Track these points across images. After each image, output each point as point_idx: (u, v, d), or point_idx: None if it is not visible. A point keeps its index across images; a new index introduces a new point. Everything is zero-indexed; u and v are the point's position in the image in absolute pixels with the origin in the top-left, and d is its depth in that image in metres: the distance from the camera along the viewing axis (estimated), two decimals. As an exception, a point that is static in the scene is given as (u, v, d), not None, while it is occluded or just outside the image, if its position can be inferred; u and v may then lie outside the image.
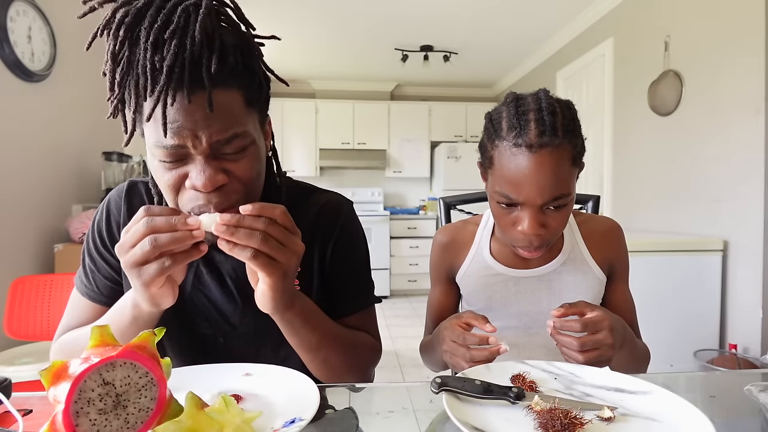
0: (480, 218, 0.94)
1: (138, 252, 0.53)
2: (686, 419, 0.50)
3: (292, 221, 0.58)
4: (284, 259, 0.56)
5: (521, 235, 0.73)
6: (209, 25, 0.56)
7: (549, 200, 0.70)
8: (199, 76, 0.55)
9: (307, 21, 3.51)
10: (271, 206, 0.56)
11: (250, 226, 0.53)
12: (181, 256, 0.54)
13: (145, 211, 0.54)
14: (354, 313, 0.81)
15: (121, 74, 0.56)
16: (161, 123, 0.54)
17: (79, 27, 2.33)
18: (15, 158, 2.02)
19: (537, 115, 0.69)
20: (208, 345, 0.76)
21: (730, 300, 2.15)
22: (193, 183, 0.58)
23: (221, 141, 0.57)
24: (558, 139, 0.68)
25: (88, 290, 0.76)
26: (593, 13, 3.22)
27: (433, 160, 5.31)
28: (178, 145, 0.56)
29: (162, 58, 0.54)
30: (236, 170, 0.60)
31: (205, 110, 0.55)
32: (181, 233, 0.53)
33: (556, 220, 0.73)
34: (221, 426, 0.44)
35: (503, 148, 0.71)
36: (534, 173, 0.68)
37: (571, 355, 0.65)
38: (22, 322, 1.67)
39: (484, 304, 0.88)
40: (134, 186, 0.78)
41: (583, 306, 0.68)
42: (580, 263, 0.86)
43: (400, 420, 0.58)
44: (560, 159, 0.69)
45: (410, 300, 4.72)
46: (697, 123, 2.30)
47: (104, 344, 0.43)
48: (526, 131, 0.69)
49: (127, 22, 0.55)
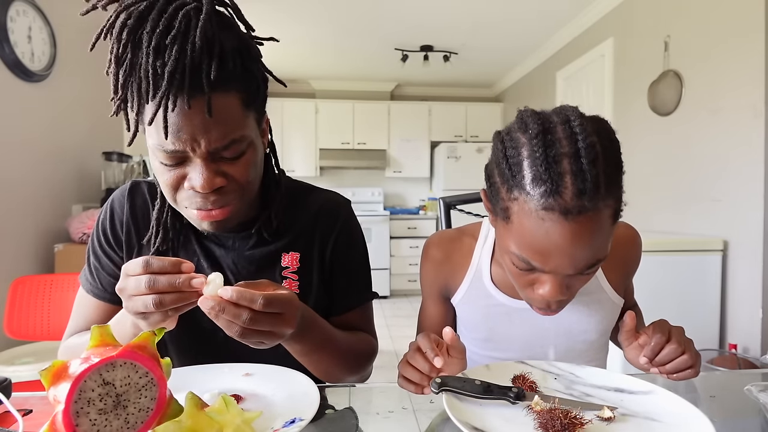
0: (477, 229, 0.82)
1: (140, 307, 0.51)
2: (686, 419, 0.50)
3: (281, 301, 0.54)
4: (268, 342, 0.56)
5: (539, 297, 0.61)
6: (209, 30, 0.57)
7: (583, 269, 0.57)
8: (198, 82, 0.56)
9: (307, 21, 3.51)
10: (250, 296, 0.51)
11: (231, 318, 0.51)
12: (183, 307, 0.53)
13: (144, 267, 0.51)
14: (353, 310, 0.82)
15: (124, 76, 0.57)
16: (162, 127, 0.56)
17: (79, 27, 2.33)
18: (15, 158, 2.02)
19: (574, 165, 0.52)
20: (208, 339, 0.77)
21: (730, 300, 2.15)
22: (192, 184, 0.60)
23: (219, 147, 0.59)
24: (600, 199, 0.52)
25: (94, 288, 0.77)
26: (593, 13, 3.22)
27: (433, 160, 5.30)
28: (177, 150, 0.58)
29: (163, 63, 0.55)
30: (234, 172, 0.62)
31: (204, 115, 0.56)
32: (186, 294, 0.52)
33: (582, 282, 0.62)
34: (221, 426, 0.44)
35: (527, 205, 0.54)
36: (569, 244, 0.53)
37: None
38: (22, 322, 1.67)
39: (484, 335, 0.80)
40: (137, 186, 0.79)
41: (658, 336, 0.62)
42: (595, 291, 0.75)
43: (400, 420, 0.58)
44: (601, 223, 0.54)
45: (410, 300, 4.72)
46: (697, 123, 2.30)
47: (104, 344, 0.43)
48: (559, 190, 0.51)
49: (130, 24, 0.56)
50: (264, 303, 0.51)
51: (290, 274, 0.78)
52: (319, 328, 0.68)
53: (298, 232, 0.79)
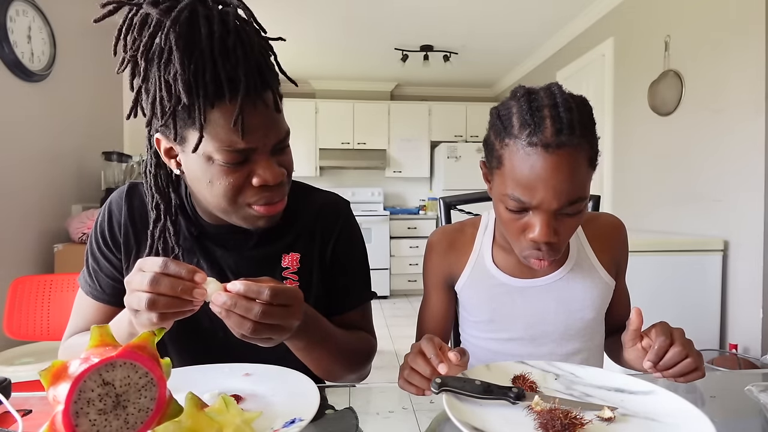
0: (478, 221, 0.89)
1: (134, 303, 0.51)
2: (686, 419, 0.50)
3: (286, 292, 0.54)
4: (277, 337, 0.56)
5: (531, 242, 0.68)
6: (254, 32, 0.61)
7: (565, 204, 0.64)
8: (264, 80, 0.60)
9: (307, 21, 3.51)
10: (257, 287, 0.52)
11: (242, 314, 0.51)
12: (173, 315, 0.52)
13: (162, 267, 0.51)
14: (353, 309, 0.83)
15: (185, 83, 0.55)
16: (239, 128, 0.58)
17: (79, 27, 2.33)
18: (15, 158, 2.02)
19: (552, 111, 0.63)
20: (207, 338, 0.77)
21: (730, 300, 2.15)
22: (264, 178, 0.62)
23: (281, 139, 0.64)
24: (576, 138, 0.63)
25: (92, 289, 0.77)
26: (593, 13, 3.22)
27: (433, 160, 5.30)
28: (248, 147, 0.60)
29: (233, 66, 0.57)
30: (285, 163, 0.67)
31: (271, 110, 0.61)
32: (180, 301, 0.51)
33: (569, 227, 0.68)
34: (221, 426, 0.44)
35: (515, 147, 0.65)
36: (550, 175, 0.62)
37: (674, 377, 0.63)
38: (22, 322, 1.67)
39: (487, 317, 0.83)
40: (135, 187, 0.79)
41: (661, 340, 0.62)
42: (588, 269, 0.81)
43: (400, 420, 0.58)
44: (578, 160, 0.64)
45: (410, 300, 4.72)
46: (697, 123, 2.30)
47: (104, 344, 0.43)
48: (541, 129, 0.63)
49: (182, 32, 0.55)
50: (272, 294, 0.52)
51: (291, 275, 0.78)
52: (320, 325, 0.69)
53: (298, 233, 0.80)
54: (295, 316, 0.56)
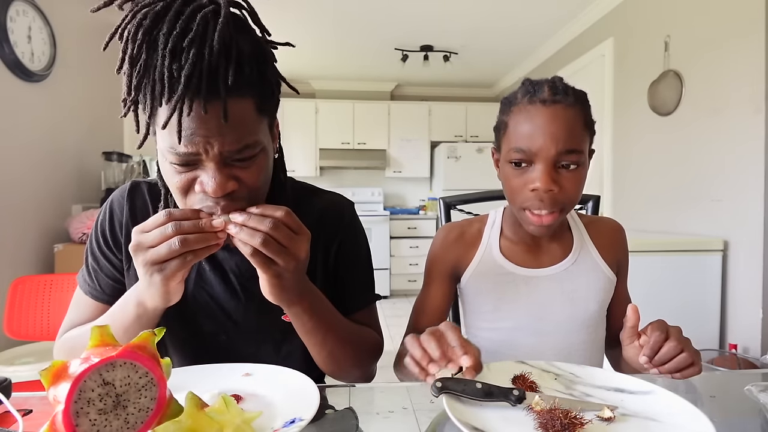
0: (485, 217, 0.92)
1: (164, 250, 0.55)
2: (686, 419, 0.50)
3: (298, 222, 0.59)
4: (282, 262, 0.58)
5: (533, 193, 0.73)
6: (227, 34, 0.56)
7: (562, 151, 0.71)
8: (215, 86, 0.55)
9: (307, 21, 3.51)
10: (273, 208, 0.57)
11: (254, 227, 0.56)
12: (201, 251, 0.57)
13: (167, 216, 0.56)
14: (359, 311, 0.82)
15: (138, 78, 0.56)
16: (176, 131, 0.55)
17: (79, 27, 2.33)
18: (15, 158, 2.02)
19: (550, 83, 0.75)
20: (210, 342, 0.77)
21: (730, 300, 2.15)
22: (203, 188, 0.59)
23: (233, 151, 0.58)
24: (570, 98, 0.73)
25: (91, 289, 0.76)
26: (593, 13, 3.22)
27: (433, 160, 5.30)
28: (191, 153, 0.57)
29: (180, 66, 0.54)
30: (245, 177, 0.61)
31: (219, 120, 0.56)
32: (208, 234, 0.56)
33: (569, 182, 0.73)
34: (221, 426, 0.44)
35: (517, 109, 0.76)
36: (548, 124, 0.71)
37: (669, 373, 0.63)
38: (22, 322, 1.67)
39: (492, 305, 0.85)
40: (137, 186, 0.78)
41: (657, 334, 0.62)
42: (591, 263, 0.85)
43: (400, 420, 0.58)
44: (573, 116, 0.73)
45: (410, 300, 4.72)
46: (697, 123, 2.30)
47: (104, 344, 0.43)
48: (540, 92, 0.74)
49: (146, 25, 0.55)
50: (286, 212, 0.57)
51: None
52: (326, 306, 0.70)
53: None
54: (301, 246, 0.59)
